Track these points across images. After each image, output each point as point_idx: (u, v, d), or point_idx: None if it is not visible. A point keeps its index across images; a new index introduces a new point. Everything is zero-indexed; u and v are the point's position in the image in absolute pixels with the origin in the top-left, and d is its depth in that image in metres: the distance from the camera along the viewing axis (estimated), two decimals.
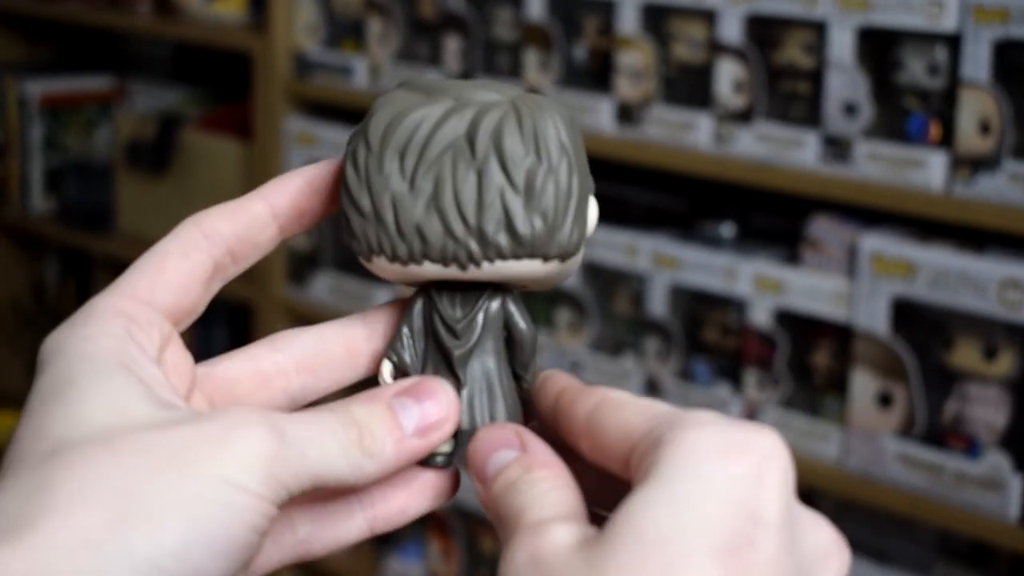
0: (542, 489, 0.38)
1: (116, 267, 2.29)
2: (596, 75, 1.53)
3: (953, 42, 1.25)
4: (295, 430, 0.39)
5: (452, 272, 0.42)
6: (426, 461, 0.43)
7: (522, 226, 0.41)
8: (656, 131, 1.46)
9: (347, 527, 0.44)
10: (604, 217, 1.69)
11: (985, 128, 1.23)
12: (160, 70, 2.44)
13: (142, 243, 0.51)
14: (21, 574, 0.34)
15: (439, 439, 0.41)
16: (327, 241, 1.84)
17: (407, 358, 0.44)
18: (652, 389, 1.49)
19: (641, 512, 0.35)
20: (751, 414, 1.42)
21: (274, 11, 1.84)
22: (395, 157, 0.42)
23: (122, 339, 0.40)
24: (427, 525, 1.77)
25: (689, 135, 1.43)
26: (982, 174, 1.23)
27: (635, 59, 1.47)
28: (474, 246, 0.41)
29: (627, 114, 1.49)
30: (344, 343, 0.45)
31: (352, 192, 0.42)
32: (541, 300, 1.60)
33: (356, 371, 0.46)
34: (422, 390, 0.42)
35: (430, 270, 0.42)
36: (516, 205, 0.41)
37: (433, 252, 0.42)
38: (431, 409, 0.41)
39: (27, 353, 2.46)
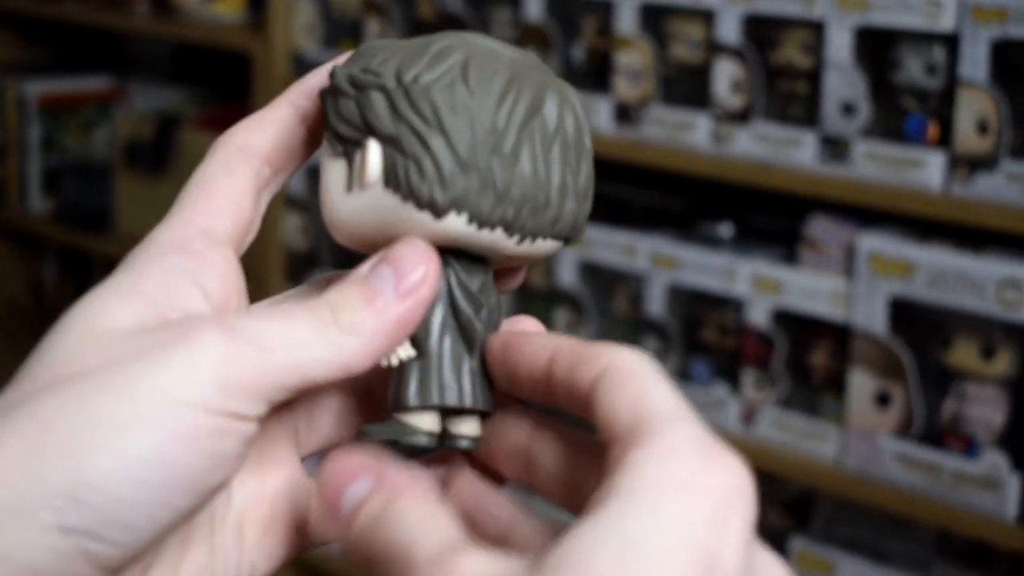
0: (416, 517, 0.33)
1: (115, 267, 2.29)
2: (594, 75, 1.53)
3: (951, 42, 1.25)
4: (251, 326, 0.35)
5: (506, 244, 0.39)
6: (451, 445, 0.40)
7: (573, 207, 0.40)
8: (654, 131, 1.46)
9: None
10: (602, 217, 1.69)
11: (983, 128, 1.23)
12: (159, 70, 2.44)
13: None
14: None
15: (426, 294, 0.37)
16: (324, 240, 1.84)
17: (421, 326, 0.39)
18: None
19: (586, 551, 0.30)
20: (749, 414, 1.42)
21: (273, 11, 1.84)
22: (494, 109, 0.38)
23: (164, 274, 0.37)
24: None
25: (687, 135, 1.43)
26: (980, 174, 1.24)
27: (633, 59, 1.48)
28: (545, 221, 0.39)
29: (625, 114, 1.49)
30: None
31: (448, 127, 0.37)
32: (539, 300, 1.60)
33: None
34: (393, 254, 0.38)
35: (489, 238, 0.39)
36: (571, 186, 0.40)
37: (515, 221, 0.39)
38: (406, 265, 0.37)
39: (26, 353, 2.45)
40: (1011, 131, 1.22)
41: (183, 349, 0.34)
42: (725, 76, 1.40)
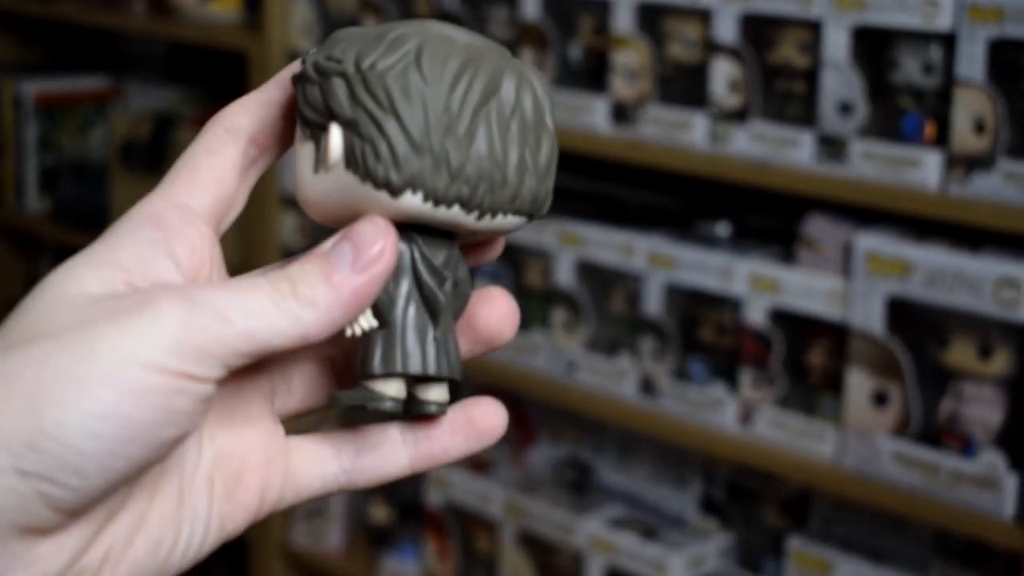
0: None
1: None
2: (591, 74, 1.53)
3: (948, 41, 1.25)
4: (212, 296, 0.38)
5: (465, 220, 0.42)
6: (419, 411, 0.43)
7: (532, 185, 0.42)
8: (651, 130, 1.46)
9: (390, 461, 0.45)
10: (599, 216, 1.69)
11: (980, 127, 1.23)
12: (155, 70, 2.43)
13: None
14: None
15: (382, 269, 0.40)
16: (322, 237, 1.84)
17: (385, 298, 0.42)
18: (648, 388, 1.49)
19: None
20: (747, 413, 1.42)
21: (269, 11, 1.84)
22: (447, 93, 0.40)
23: (138, 245, 0.40)
24: (422, 525, 1.77)
25: (684, 134, 1.43)
26: (977, 173, 1.24)
27: (630, 58, 1.47)
28: (503, 198, 0.42)
29: (622, 113, 1.49)
30: None
31: (401, 111, 0.40)
32: (537, 300, 1.60)
33: None
34: (353, 231, 0.40)
35: (447, 214, 0.41)
36: (530, 164, 0.42)
37: (471, 199, 0.41)
38: (364, 242, 0.40)
39: None
40: (1008, 130, 1.22)
41: (143, 314, 0.37)
42: (722, 75, 1.40)
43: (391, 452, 0.45)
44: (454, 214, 0.41)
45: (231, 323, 0.37)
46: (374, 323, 0.41)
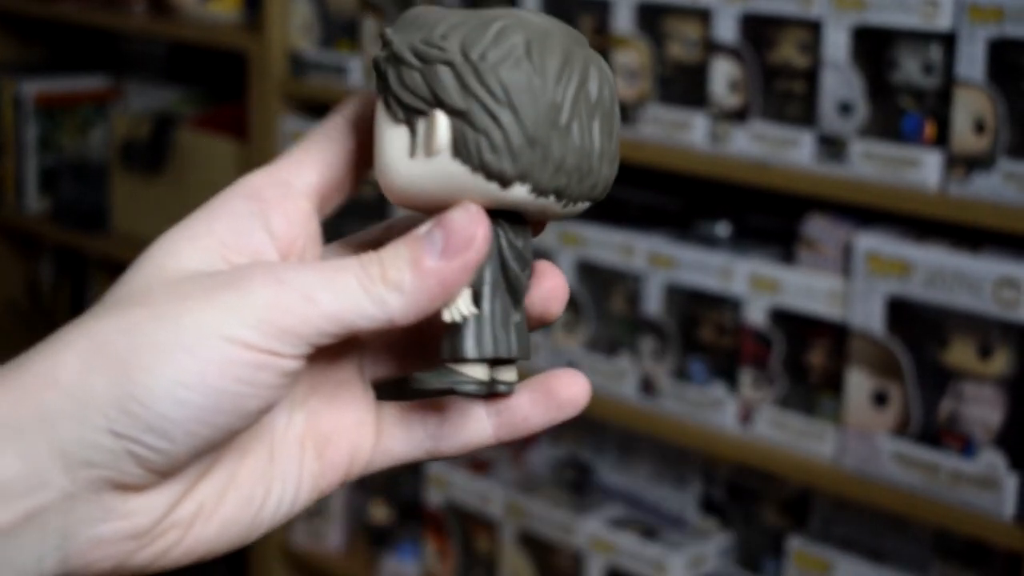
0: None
1: (111, 267, 2.29)
2: None
3: (948, 41, 1.25)
4: (302, 276, 0.39)
5: (554, 208, 0.43)
6: (493, 390, 0.43)
7: (608, 172, 0.44)
8: (651, 130, 1.46)
9: (474, 429, 0.46)
10: (600, 216, 1.68)
11: (980, 127, 1.23)
12: (155, 70, 2.43)
13: (137, 243, 0.52)
14: None
15: (474, 258, 0.40)
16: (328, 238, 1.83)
17: (478, 283, 0.42)
18: (648, 388, 1.49)
19: None
20: (747, 413, 1.42)
21: (269, 11, 1.84)
22: (553, 86, 0.41)
23: (235, 218, 0.41)
24: (422, 525, 1.77)
25: (684, 134, 1.43)
26: (977, 173, 1.24)
27: (630, 58, 1.47)
28: (587, 186, 0.43)
29: (623, 113, 1.49)
30: None
31: (517, 104, 0.40)
32: None
33: None
34: (448, 219, 0.40)
35: (543, 204, 0.42)
36: (609, 151, 0.43)
37: (566, 189, 0.42)
38: (459, 230, 0.40)
39: (23, 352, 2.45)
40: (1008, 130, 1.22)
41: (232, 291, 0.38)
42: (722, 75, 1.40)
43: (476, 421, 0.45)
44: (548, 203, 0.42)
45: (317, 304, 0.39)
46: (474, 310, 0.42)
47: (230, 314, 0.38)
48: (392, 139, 0.42)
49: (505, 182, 0.40)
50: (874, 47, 1.30)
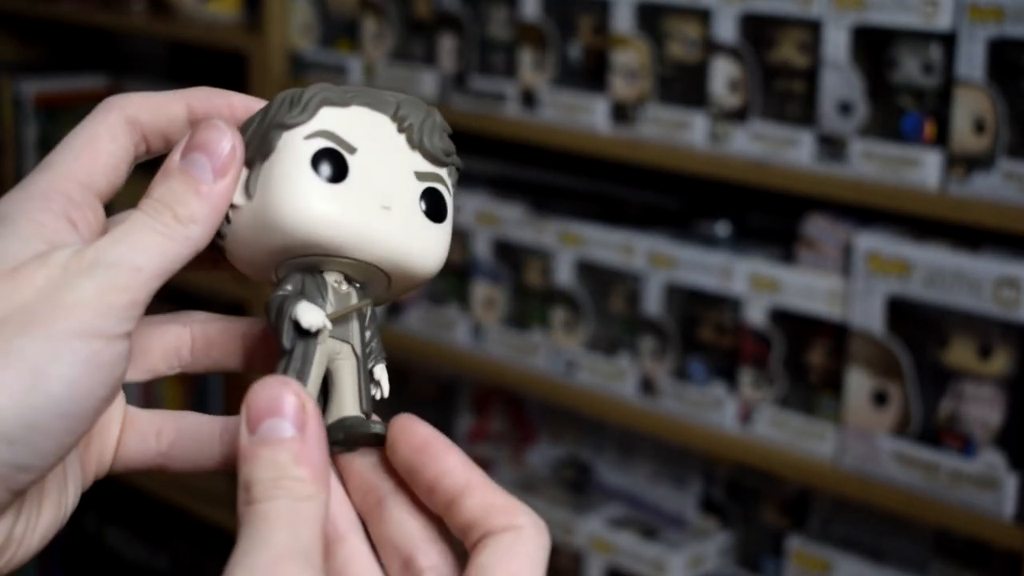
0: (300, 496, 0.38)
1: None
2: (591, 74, 1.53)
3: (948, 41, 1.25)
4: (115, 253, 0.39)
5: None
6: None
7: None
8: (651, 130, 1.46)
9: (206, 454, 0.46)
10: (599, 216, 1.68)
11: (980, 127, 1.23)
12: (155, 69, 2.43)
13: None
14: None
15: (239, 165, 0.42)
16: None
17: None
18: (647, 388, 1.49)
19: None
20: (746, 413, 1.42)
21: (269, 10, 1.84)
22: None
23: (56, 216, 0.41)
24: None
25: (684, 134, 1.43)
26: (977, 173, 1.23)
27: (630, 58, 1.47)
28: None
29: (622, 113, 1.49)
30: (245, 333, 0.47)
31: None
32: (536, 300, 1.60)
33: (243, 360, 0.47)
34: (199, 139, 0.42)
35: None
36: None
37: None
38: (214, 147, 0.42)
39: None
40: (1008, 130, 1.22)
41: (64, 294, 0.38)
42: (722, 75, 1.40)
43: (208, 446, 0.46)
44: None
45: (141, 270, 0.39)
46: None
47: (75, 313, 0.38)
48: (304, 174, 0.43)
49: None
50: (874, 47, 1.30)
